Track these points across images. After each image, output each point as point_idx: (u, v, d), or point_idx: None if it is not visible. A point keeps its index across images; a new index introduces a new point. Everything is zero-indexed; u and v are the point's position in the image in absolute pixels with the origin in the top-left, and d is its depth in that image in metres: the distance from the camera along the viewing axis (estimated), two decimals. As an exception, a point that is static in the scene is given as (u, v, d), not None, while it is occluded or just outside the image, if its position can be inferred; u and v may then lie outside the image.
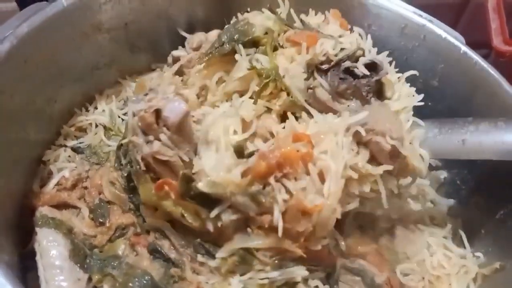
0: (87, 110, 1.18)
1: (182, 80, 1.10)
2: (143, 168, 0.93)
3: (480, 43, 1.58)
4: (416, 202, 1.17)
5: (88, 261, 0.95)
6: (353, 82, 0.96)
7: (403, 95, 1.01)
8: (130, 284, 0.92)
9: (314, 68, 0.99)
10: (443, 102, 1.16)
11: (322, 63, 0.99)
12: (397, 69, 1.05)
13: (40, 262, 0.91)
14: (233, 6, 1.16)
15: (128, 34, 1.20)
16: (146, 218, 0.97)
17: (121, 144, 1.02)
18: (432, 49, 1.14)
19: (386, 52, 1.03)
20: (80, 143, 1.12)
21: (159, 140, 0.92)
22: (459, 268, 1.05)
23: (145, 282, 0.93)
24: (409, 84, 1.03)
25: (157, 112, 0.91)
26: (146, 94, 0.96)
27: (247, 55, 1.01)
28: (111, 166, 1.06)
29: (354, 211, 0.98)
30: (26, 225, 0.97)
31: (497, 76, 1.07)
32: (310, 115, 0.96)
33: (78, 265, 0.93)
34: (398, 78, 1.03)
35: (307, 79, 0.98)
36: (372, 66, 0.97)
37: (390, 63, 1.03)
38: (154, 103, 0.92)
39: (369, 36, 1.05)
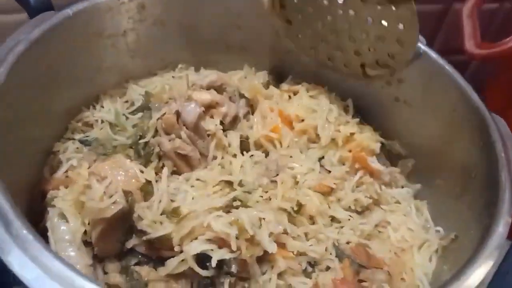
0: (94, 108, 1.26)
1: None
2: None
3: (460, 49, 1.68)
4: (388, 188, 1.26)
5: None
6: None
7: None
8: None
9: None
10: (405, 93, 1.29)
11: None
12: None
13: (51, 237, 0.97)
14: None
15: (127, 40, 1.29)
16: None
17: (138, 141, 1.12)
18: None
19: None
20: (87, 136, 1.19)
21: (180, 137, 1.08)
22: (422, 241, 1.12)
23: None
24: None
25: (177, 114, 1.08)
26: (166, 102, 1.15)
27: None
28: (128, 155, 1.12)
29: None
30: (39, 207, 1.04)
31: (450, 70, 1.18)
32: None
33: (85, 240, 0.98)
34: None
35: None
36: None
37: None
38: (173, 106, 1.09)
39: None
